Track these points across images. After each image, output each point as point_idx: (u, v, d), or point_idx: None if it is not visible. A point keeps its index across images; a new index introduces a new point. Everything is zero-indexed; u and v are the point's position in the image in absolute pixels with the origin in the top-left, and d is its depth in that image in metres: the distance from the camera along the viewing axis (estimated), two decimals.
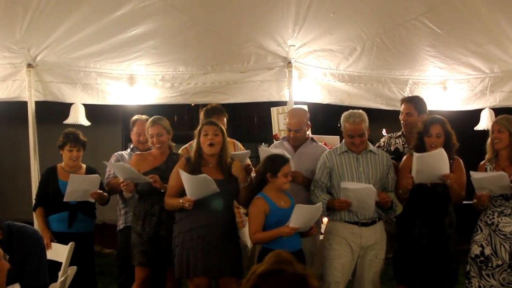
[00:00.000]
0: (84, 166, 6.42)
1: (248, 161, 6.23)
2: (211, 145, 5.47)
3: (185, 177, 5.27)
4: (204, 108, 6.60)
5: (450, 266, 5.66)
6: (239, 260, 5.55)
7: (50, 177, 6.29)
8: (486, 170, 5.74)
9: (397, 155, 6.16)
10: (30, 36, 6.59)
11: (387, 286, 6.27)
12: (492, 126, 5.75)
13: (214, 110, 6.47)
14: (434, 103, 7.83)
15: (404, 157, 5.89)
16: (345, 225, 5.65)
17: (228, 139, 6.15)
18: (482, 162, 5.87)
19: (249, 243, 5.98)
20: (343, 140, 5.83)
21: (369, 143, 5.83)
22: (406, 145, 6.36)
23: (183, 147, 6.50)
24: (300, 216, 5.14)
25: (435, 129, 5.65)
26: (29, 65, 6.98)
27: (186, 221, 5.48)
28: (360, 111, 5.80)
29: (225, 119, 6.41)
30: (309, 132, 6.39)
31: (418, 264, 5.60)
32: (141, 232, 5.85)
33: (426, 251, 5.59)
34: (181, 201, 5.36)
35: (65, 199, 6.01)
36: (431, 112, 7.67)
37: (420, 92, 7.77)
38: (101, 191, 6.14)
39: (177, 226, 5.56)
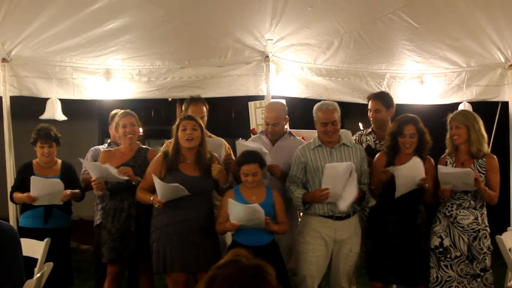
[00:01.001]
0: (59, 161, 6.37)
1: (229, 152, 6.23)
2: (189, 139, 5.44)
3: (158, 183, 5.28)
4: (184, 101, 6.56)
5: (424, 262, 5.70)
6: (216, 255, 5.52)
7: (26, 173, 6.22)
8: (446, 164, 5.80)
9: (369, 151, 6.17)
10: (5, 30, 6.50)
11: (365, 281, 6.28)
12: (450, 122, 5.79)
13: (194, 99, 6.44)
14: (411, 97, 7.90)
15: (378, 154, 5.92)
16: (319, 219, 5.66)
17: (214, 136, 6.16)
18: (442, 156, 5.93)
19: (227, 239, 5.97)
20: (316, 135, 5.83)
21: (342, 137, 5.83)
22: (377, 141, 6.42)
23: (167, 141, 6.45)
24: (234, 212, 5.18)
25: (408, 129, 5.68)
26: (4, 60, 6.89)
27: (163, 216, 5.47)
28: (333, 102, 5.84)
29: (204, 108, 6.37)
30: (287, 126, 6.39)
31: (391, 260, 5.63)
32: (110, 229, 5.86)
33: (399, 249, 5.62)
34: (151, 198, 5.37)
35: (35, 203, 5.98)
36: (407, 106, 7.75)
37: (397, 86, 7.84)
38: (71, 191, 6.08)
39: (154, 222, 5.56)
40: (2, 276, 3.87)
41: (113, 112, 6.69)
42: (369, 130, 6.59)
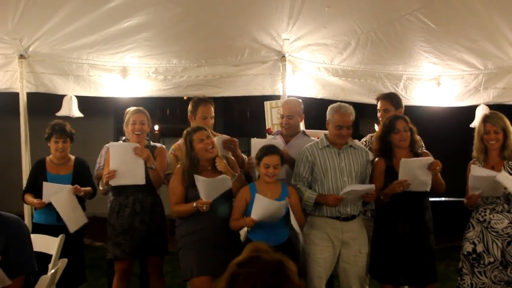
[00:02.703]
0: (72, 157, 6.40)
1: (238, 151, 6.24)
2: (210, 150, 5.46)
3: (203, 181, 5.23)
4: (191, 101, 6.56)
5: (433, 260, 5.67)
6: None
7: (38, 170, 6.27)
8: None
9: None
10: (22, 27, 6.53)
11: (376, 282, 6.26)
12: (486, 126, 5.64)
13: (202, 99, 6.45)
14: (428, 99, 7.87)
15: (376, 160, 5.84)
16: (326, 220, 5.64)
17: (218, 134, 6.18)
18: (471, 161, 5.82)
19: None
20: (323, 135, 5.82)
21: (350, 138, 5.83)
22: None
23: (176, 143, 6.45)
24: (259, 208, 5.16)
25: (400, 124, 5.68)
26: (21, 56, 6.92)
27: (187, 224, 5.48)
28: (349, 105, 5.81)
29: (212, 108, 6.39)
30: (302, 127, 6.38)
31: (402, 261, 5.59)
32: (114, 224, 5.89)
33: (410, 248, 5.58)
34: (195, 204, 5.31)
35: (39, 207, 6.04)
36: (424, 108, 7.73)
37: (414, 88, 7.81)
38: (80, 188, 6.08)
39: (178, 230, 5.57)
40: (13, 267, 3.92)
41: (128, 109, 6.72)
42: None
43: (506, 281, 5.46)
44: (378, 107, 6.49)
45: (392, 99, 6.48)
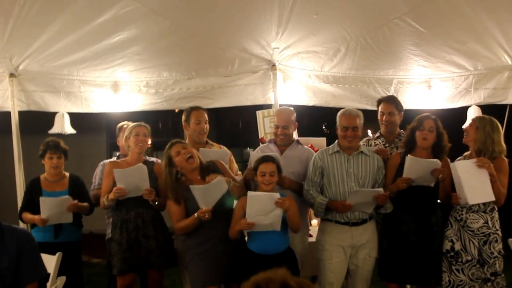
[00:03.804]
0: (67, 174, 6.39)
1: (232, 160, 6.25)
2: (188, 159, 5.48)
3: (198, 189, 5.23)
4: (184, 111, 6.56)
5: (438, 263, 5.69)
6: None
7: (33, 189, 6.25)
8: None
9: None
10: (12, 46, 6.51)
11: (380, 286, 6.27)
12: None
13: (194, 107, 6.50)
14: (419, 102, 7.90)
15: (392, 155, 5.95)
16: (336, 226, 5.67)
17: (216, 145, 6.16)
18: (458, 159, 5.92)
19: None
20: (336, 141, 5.84)
21: (362, 145, 5.86)
22: (387, 145, 6.43)
23: None
24: (253, 206, 5.16)
25: (428, 123, 5.74)
26: (12, 75, 6.92)
27: (193, 236, 5.50)
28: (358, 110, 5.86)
29: (205, 114, 6.41)
30: (295, 135, 6.38)
31: (406, 261, 5.63)
32: (120, 240, 5.86)
33: (414, 248, 5.62)
34: (196, 215, 5.31)
35: (42, 225, 5.98)
36: (416, 111, 7.74)
37: (405, 91, 7.84)
38: (77, 202, 6.07)
39: (186, 244, 5.60)
40: (27, 274, 4.10)
41: (121, 124, 6.73)
42: (377, 134, 6.60)
43: (483, 278, 5.56)
44: (381, 110, 6.47)
45: (396, 102, 6.50)
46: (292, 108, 6.49)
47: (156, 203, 5.83)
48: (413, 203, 5.66)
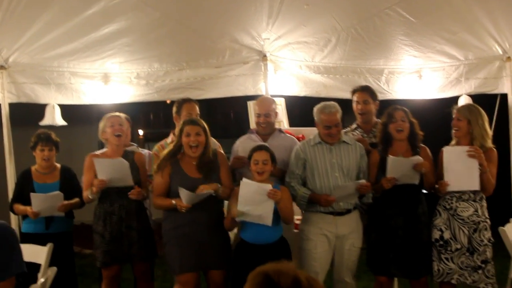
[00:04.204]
0: (58, 166, 6.37)
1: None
2: (193, 147, 5.45)
3: (186, 194, 5.22)
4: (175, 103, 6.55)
5: (427, 253, 5.71)
6: (226, 252, 5.56)
7: (25, 181, 6.24)
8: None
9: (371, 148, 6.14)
10: (1, 38, 6.50)
11: (370, 276, 6.28)
12: (454, 114, 5.80)
13: (186, 100, 6.45)
14: (410, 92, 7.90)
15: (371, 153, 5.91)
16: (320, 216, 5.66)
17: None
18: (442, 148, 5.90)
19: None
20: (317, 132, 5.84)
21: (342, 134, 5.85)
22: (365, 135, 6.40)
23: (158, 144, 6.45)
24: (245, 194, 5.17)
25: (399, 114, 5.75)
26: (1, 67, 6.88)
27: (171, 219, 5.51)
28: (334, 102, 5.82)
29: (197, 107, 6.37)
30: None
31: (395, 253, 5.64)
32: (103, 232, 5.85)
33: (402, 241, 5.63)
34: (174, 202, 5.35)
35: (34, 218, 5.96)
36: (406, 101, 7.77)
37: (395, 81, 7.84)
38: (68, 202, 6.06)
39: (164, 224, 5.59)
40: (2, 269, 3.88)
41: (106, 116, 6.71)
42: (354, 125, 6.57)
43: (472, 266, 5.58)
44: (356, 99, 6.46)
45: (370, 91, 6.50)
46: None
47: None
48: (399, 199, 5.67)
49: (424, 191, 5.85)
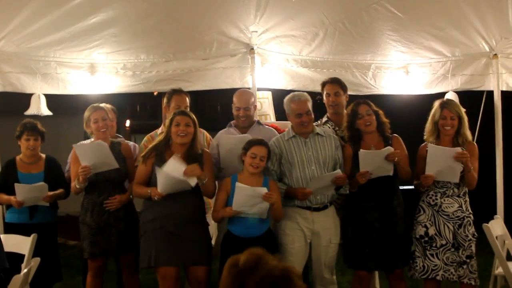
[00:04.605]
0: (43, 156, 6.36)
1: (210, 142, 6.29)
2: (181, 135, 5.44)
3: (163, 175, 5.22)
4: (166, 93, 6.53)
5: (403, 246, 5.74)
6: (206, 248, 5.54)
7: (9, 170, 6.22)
8: (427, 153, 5.76)
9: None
10: None
11: (350, 273, 6.31)
12: (443, 111, 5.76)
13: (177, 90, 6.44)
14: (397, 88, 7.92)
15: (344, 148, 5.89)
16: (297, 210, 5.67)
17: (199, 129, 6.15)
18: (422, 145, 5.95)
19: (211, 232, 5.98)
20: (289, 126, 5.85)
21: (315, 126, 5.86)
22: (336, 128, 6.36)
23: (148, 134, 6.44)
24: (239, 197, 5.18)
25: (363, 108, 5.76)
26: None
27: (149, 210, 5.49)
28: (304, 92, 5.88)
29: (187, 99, 6.37)
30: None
31: (371, 247, 5.65)
32: (90, 223, 5.84)
33: (379, 234, 5.65)
34: (149, 191, 5.36)
35: (18, 207, 5.93)
36: (393, 96, 7.79)
37: (382, 77, 7.85)
38: (53, 193, 6.07)
39: (141, 216, 5.58)
40: None
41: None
42: (325, 119, 6.56)
43: (458, 262, 5.63)
44: (327, 91, 6.45)
45: (340, 82, 6.50)
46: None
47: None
48: (374, 192, 5.67)
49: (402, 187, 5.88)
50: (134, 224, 5.92)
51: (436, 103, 5.89)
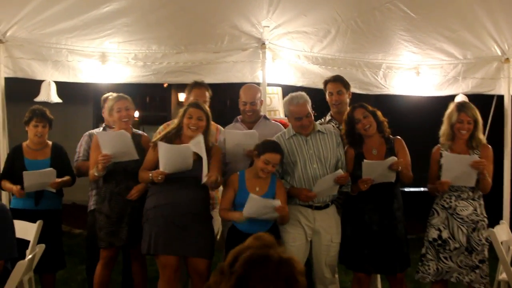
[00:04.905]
0: (50, 143, 6.36)
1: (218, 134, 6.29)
2: (192, 128, 5.45)
3: (163, 147, 5.26)
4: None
5: (402, 249, 5.68)
6: (208, 241, 5.53)
7: (15, 156, 6.23)
8: (441, 156, 5.76)
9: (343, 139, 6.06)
10: (0, 11, 6.46)
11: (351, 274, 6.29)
12: (460, 115, 5.68)
13: (198, 83, 6.44)
14: (407, 88, 7.90)
15: (346, 149, 5.85)
16: (299, 208, 5.65)
17: (212, 123, 6.14)
18: (436, 147, 5.91)
19: (216, 227, 5.99)
20: (290, 125, 5.82)
21: (316, 123, 5.84)
22: (340, 127, 6.23)
23: (165, 123, 6.42)
24: (251, 208, 5.17)
25: (359, 112, 5.71)
26: None
27: (152, 198, 5.51)
28: (302, 92, 5.80)
29: (207, 93, 6.38)
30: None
31: (370, 249, 5.61)
32: (109, 213, 5.81)
33: (377, 236, 5.60)
34: (150, 174, 5.37)
35: (25, 191, 5.94)
36: (403, 97, 7.78)
37: (393, 77, 7.83)
38: (61, 180, 6.09)
39: (146, 203, 5.57)
40: None
41: (105, 95, 6.69)
42: (328, 117, 6.54)
43: (470, 266, 5.58)
44: (330, 90, 6.41)
45: (343, 81, 6.44)
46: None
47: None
48: (374, 194, 5.61)
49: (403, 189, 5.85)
50: None
51: (452, 105, 5.84)
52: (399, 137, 5.85)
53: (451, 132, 5.76)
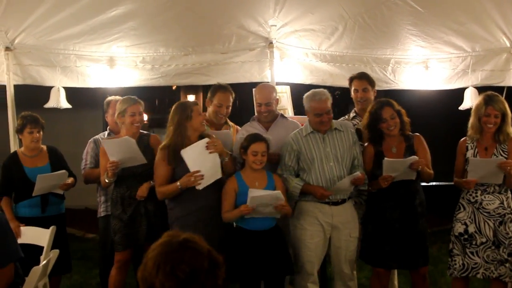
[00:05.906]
0: (44, 147, 6.32)
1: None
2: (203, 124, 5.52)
3: (189, 150, 5.28)
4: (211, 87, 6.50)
5: (424, 244, 5.67)
6: (216, 243, 5.54)
7: (13, 166, 6.16)
8: (467, 149, 5.74)
9: (359, 135, 6.03)
10: (7, 19, 6.48)
11: (368, 269, 6.28)
12: (488, 108, 5.60)
13: (222, 86, 6.38)
14: (416, 83, 7.88)
15: (365, 147, 5.87)
16: (316, 205, 5.65)
17: (231, 124, 6.11)
18: (462, 140, 5.87)
19: None
20: (307, 121, 5.80)
21: (333, 121, 5.80)
22: None
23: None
24: (255, 198, 5.17)
25: (387, 112, 5.66)
26: (7, 48, 6.87)
27: (181, 207, 5.49)
28: (324, 89, 5.81)
29: (231, 98, 6.33)
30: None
31: (391, 245, 5.60)
32: (122, 217, 5.81)
33: (399, 233, 5.59)
34: (179, 183, 5.34)
35: (34, 194, 5.93)
36: (413, 92, 7.75)
37: (402, 72, 7.81)
38: (71, 180, 6.17)
39: (173, 213, 5.57)
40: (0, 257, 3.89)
41: (109, 99, 6.68)
42: (353, 114, 6.56)
43: (498, 260, 5.52)
44: (355, 87, 6.44)
45: (368, 78, 6.46)
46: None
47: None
48: (395, 192, 5.60)
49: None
50: (163, 214, 5.82)
51: (480, 97, 5.78)
52: (418, 134, 5.82)
53: (479, 125, 5.69)
